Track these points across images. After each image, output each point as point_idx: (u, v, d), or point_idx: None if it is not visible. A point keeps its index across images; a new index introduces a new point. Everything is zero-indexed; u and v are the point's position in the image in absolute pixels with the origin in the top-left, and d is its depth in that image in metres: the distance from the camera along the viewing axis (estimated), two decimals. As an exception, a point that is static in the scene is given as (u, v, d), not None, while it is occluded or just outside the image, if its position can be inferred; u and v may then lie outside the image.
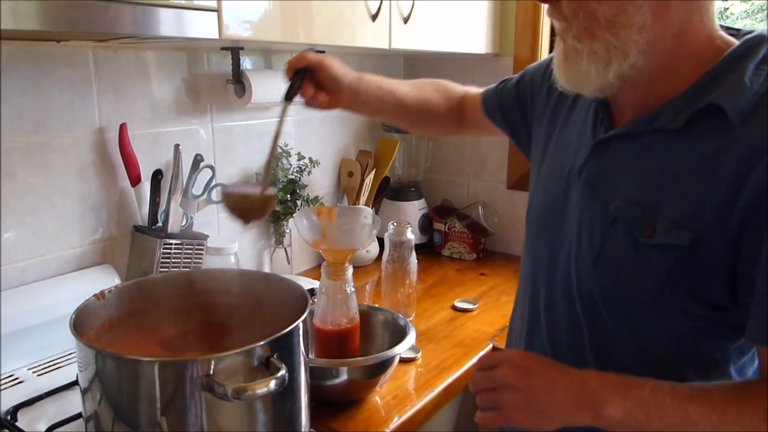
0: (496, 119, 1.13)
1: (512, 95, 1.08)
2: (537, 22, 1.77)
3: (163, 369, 0.72)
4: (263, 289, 0.98)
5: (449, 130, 1.23)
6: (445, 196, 2.05)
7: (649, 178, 0.75)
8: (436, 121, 1.19)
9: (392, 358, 1.05)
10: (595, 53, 0.73)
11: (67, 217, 1.22)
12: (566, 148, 0.89)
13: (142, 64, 1.30)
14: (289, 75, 1.01)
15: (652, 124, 0.75)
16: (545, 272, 0.88)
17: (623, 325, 0.79)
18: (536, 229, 0.93)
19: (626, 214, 0.76)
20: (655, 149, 0.75)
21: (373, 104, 1.10)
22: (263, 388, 0.71)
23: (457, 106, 1.19)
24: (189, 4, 0.93)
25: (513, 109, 1.08)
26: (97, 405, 0.75)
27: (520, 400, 0.76)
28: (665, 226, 0.72)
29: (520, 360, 0.79)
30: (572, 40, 0.75)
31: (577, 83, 0.78)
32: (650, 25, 0.71)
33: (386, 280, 1.42)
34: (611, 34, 0.72)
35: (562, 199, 0.86)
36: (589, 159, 0.82)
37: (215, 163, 1.45)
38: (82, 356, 0.76)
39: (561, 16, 0.76)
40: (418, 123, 1.21)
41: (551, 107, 0.97)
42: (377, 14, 1.31)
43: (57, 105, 1.17)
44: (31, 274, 1.18)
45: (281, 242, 1.64)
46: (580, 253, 0.81)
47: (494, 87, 1.14)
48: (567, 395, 0.74)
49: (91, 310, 0.87)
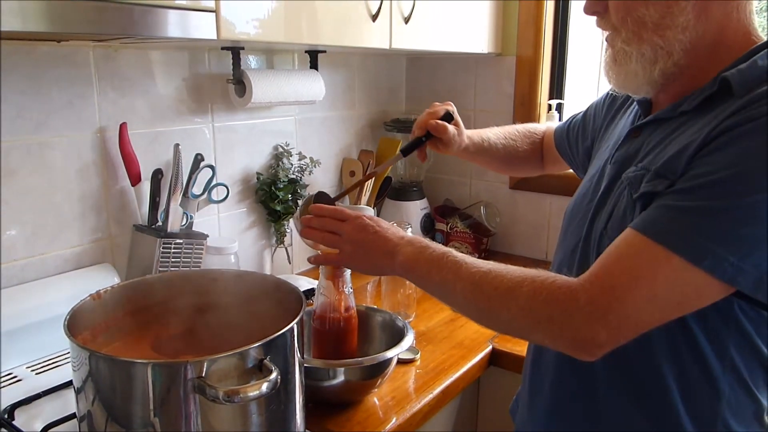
0: (563, 154, 1.22)
1: (579, 126, 1.15)
2: (539, 21, 1.76)
3: (156, 371, 0.72)
4: (260, 290, 0.98)
5: (534, 169, 1.33)
6: (447, 196, 2.05)
7: (658, 151, 0.79)
8: (520, 165, 1.31)
9: (390, 360, 1.05)
10: (643, 54, 0.79)
11: (66, 216, 1.22)
12: (606, 149, 0.95)
13: (143, 64, 1.30)
14: (420, 133, 1.16)
15: (677, 109, 0.80)
16: (570, 252, 0.92)
17: None
18: (569, 217, 0.97)
19: (631, 179, 0.80)
20: (673, 128, 0.80)
21: (471, 157, 1.25)
22: (255, 390, 0.71)
23: (539, 147, 1.29)
24: (188, 5, 0.93)
25: (577, 139, 1.15)
26: (90, 405, 0.76)
27: (352, 249, 0.94)
28: (650, 178, 0.76)
29: (363, 220, 0.94)
30: (621, 44, 0.80)
31: (626, 83, 0.84)
32: (693, 24, 0.76)
33: (386, 281, 1.42)
34: (658, 36, 0.77)
35: (594, 187, 0.91)
36: (621, 145, 0.88)
37: (215, 163, 1.45)
38: (75, 357, 0.76)
39: (610, 26, 0.82)
40: (504, 168, 1.37)
41: (608, 120, 1.04)
42: (377, 14, 1.30)
43: (57, 104, 1.18)
44: (31, 272, 1.18)
45: (282, 242, 1.64)
46: (597, 225, 0.86)
47: (565, 121, 1.23)
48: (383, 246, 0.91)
49: (86, 310, 0.87)
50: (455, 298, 0.84)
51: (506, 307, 0.76)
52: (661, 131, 0.82)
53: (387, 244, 0.91)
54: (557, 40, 1.82)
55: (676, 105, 0.81)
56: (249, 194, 1.58)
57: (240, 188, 1.55)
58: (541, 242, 1.89)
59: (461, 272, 0.82)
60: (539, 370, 0.94)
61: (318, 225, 0.96)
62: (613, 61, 0.83)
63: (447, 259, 0.84)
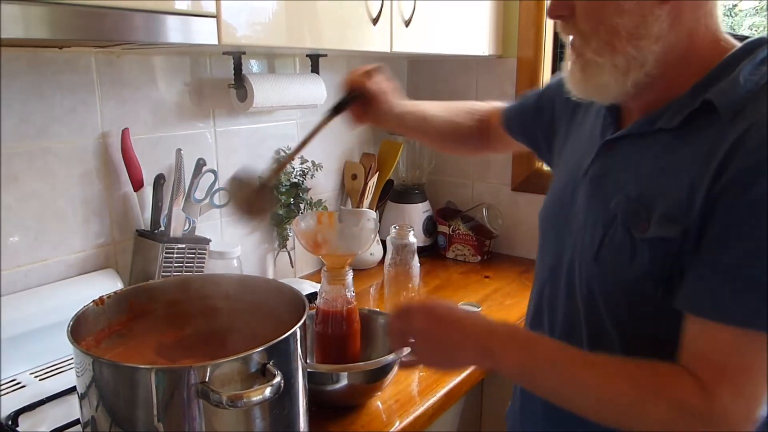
0: (517, 135, 1.15)
1: (533, 109, 1.10)
2: (540, 22, 1.77)
3: (159, 376, 0.72)
4: (262, 294, 0.98)
5: (476, 148, 1.29)
6: (449, 198, 2.04)
7: (647, 177, 0.77)
8: (464, 142, 1.25)
9: (393, 363, 1.05)
10: (615, 66, 0.75)
11: (69, 222, 1.23)
12: (577, 152, 0.91)
13: (145, 69, 1.31)
14: (345, 90, 1.09)
15: (654, 124, 0.77)
16: (551, 268, 0.90)
17: (618, 317, 0.79)
18: (545, 228, 0.95)
19: (624, 211, 0.77)
20: (654, 148, 0.77)
21: (409, 130, 1.22)
22: (258, 395, 0.71)
23: (484, 124, 1.23)
24: (189, 11, 0.93)
25: (534, 123, 1.10)
26: (94, 411, 0.76)
27: (431, 346, 0.83)
28: (658, 221, 0.73)
29: (431, 309, 0.84)
30: (592, 54, 0.76)
31: (594, 93, 0.80)
32: (666, 33, 0.73)
33: (389, 284, 1.42)
34: (632, 46, 0.74)
35: (569, 199, 0.88)
36: (595, 159, 0.84)
37: (218, 168, 1.46)
38: (79, 363, 0.76)
39: (577, 31, 0.77)
40: (447, 144, 1.29)
41: (568, 115, 0.99)
42: (378, 18, 1.30)
43: (59, 110, 1.18)
44: (34, 278, 1.18)
45: (284, 246, 1.64)
46: (583, 249, 0.83)
47: (515, 103, 1.17)
48: (473, 341, 0.80)
49: (90, 315, 0.87)
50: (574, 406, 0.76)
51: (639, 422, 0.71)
52: (640, 148, 0.79)
53: (478, 339, 0.80)
54: (558, 42, 1.82)
55: (652, 119, 0.78)
56: (251, 198, 1.58)
57: (242, 192, 1.55)
58: (544, 244, 1.88)
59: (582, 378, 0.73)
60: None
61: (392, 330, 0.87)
62: (582, 72, 0.79)
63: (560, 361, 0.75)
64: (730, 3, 1.79)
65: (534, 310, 0.96)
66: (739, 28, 1.77)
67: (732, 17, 1.80)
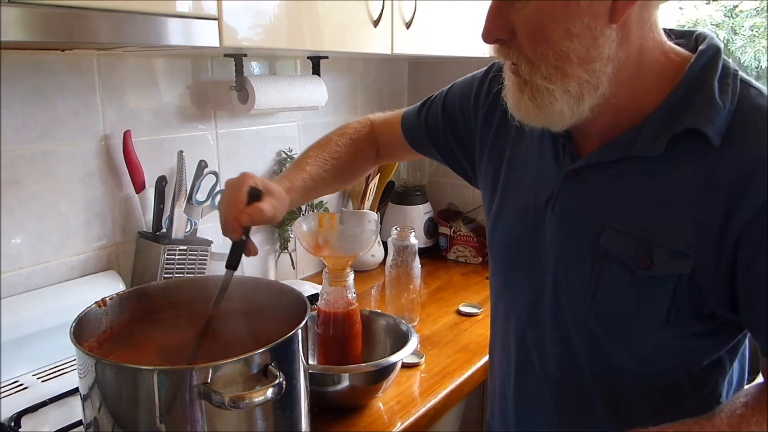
0: (424, 149, 1.08)
1: (440, 119, 1.04)
2: (541, 25, 1.76)
3: (162, 377, 0.72)
4: (264, 295, 0.98)
5: (369, 169, 1.21)
6: (451, 200, 2.05)
7: (634, 207, 0.73)
8: (357, 174, 1.17)
9: (394, 364, 1.05)
10: (568, 91, 0.71)
11: (71, 224, 1.23)
12: (525, 178, 0.86)
13: (146, 72, 1.31)
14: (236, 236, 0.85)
15: (629, 150, 0.73)
16: (527, 311, 0.85)
17: (624, 351, 0.78)
18: (506, 261, 0.89)
19: (618, 247, 0.73)
20: (633, 176, 0.73)
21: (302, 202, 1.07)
22: (260, 396, 0.71)
23: (371, 145, 1.13)
24: (190, 13, 0.94)
25: (443, 133, 1.03)
26: (96, 412, 0.76)
27: None
28: (663, 256, 0.70)
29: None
30: (542, 80, 0.71)
31: (547, 121, 0.75)
32: (615, 52, 0.69)
33: (390, 285, 1.42)
34: (584, 70, 0.69)
35: (530, 232, 0.83)
36: (561, 191, 0.79)
37: (219, 169, 1.46)
38: (81, 364, 0.76)
39: (522, 57, 0.72)
40: (345, 185, 1.21)
41: (492, 129, 0.93)
42: (379, 20, 1.31)
43: (62, 113, 1.18)
44: (37, 280, 1.19)
45: (286, 247, 1.64)
46: (569, 290, 0.79)
47: (415, 113, 1.09)
48: None
49: (92, 317, 0.87)
50: None
51: None
52: (614, 176, 0.75)
53: None
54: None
55: (622, 145, 0.73)
56: (253, 200, 1.58)
57: (244, 194, 1.56)
58: (545, 245, 1.88)
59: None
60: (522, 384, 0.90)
61: None
62: (532, 100, 0.73)
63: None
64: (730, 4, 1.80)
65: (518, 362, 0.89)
66: (739, 29, 1.78)
67: (733, 18, 1.81)
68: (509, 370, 0.92)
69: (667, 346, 0.76)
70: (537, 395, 0.86)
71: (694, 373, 0.77)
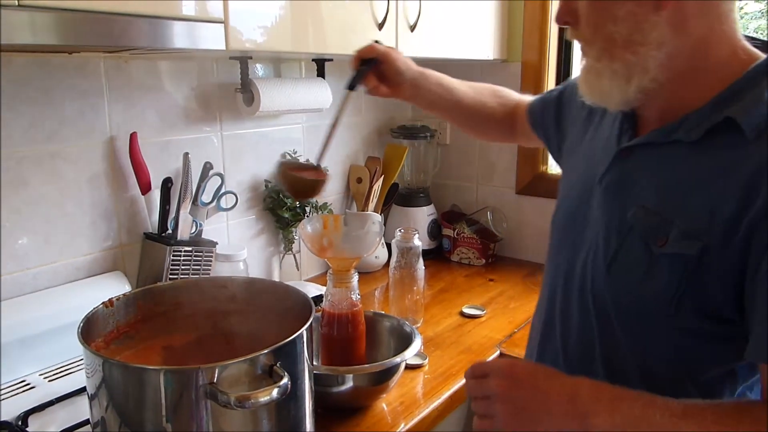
0: (537, 129, 1.15)
1: (553, 106, 1.10)
2: (544, 26, 1.77)
3: (168, 377, 0.73)
4: (269, 296, 0.99)
5: (501, 136, 1.26)
6: (454, 202, 2.05)
7: (666, 189, 0.76)
8: (490, 126, 1.23)
9: (398, 365, 1.06)
10: (615, 72, 0.76)
11: (78, 225, 1.24)
12: (592, 158, 0.90)
13: (152, 74, 1.32)
14: (355, 64, 1.08)
15: (672, 135, 0.76)
16: (563, 277, 0.89)
17: (631, 337, 0.79)
18: (559, 235, 0.94)
19: (642, 223, 0.76)
20: (672, 160, 0.77)
21: (432, 99, 1.15)
22: (266, 396, 0.72)
23: (511, 113, 1.21)
24: (196, 17, 0.95)
25: (552, 119, 1.10)
26: (103, 411, 0.77)
27: (511, 410, 0.76)
28: (677, 236, 0.72)
29: (509, 369, 0.78)
30: (593, 60, 0.78)
31: (600, 99, 0.81)
32: (669, 39, 0.73)
33: (394, 287, 1.43)
34: (630, 53, 0.74)
35: (584, 206, 0.87)
36: (611, 166, 0.83)
37: (224, 171, 1.47)
38: (89, 364, 0.77)
39: (582, 37, 0.79)
40: (472, 124, 1.24)
41: (582, 118, 0.98)
42: (383, 22, 1.31)
43: (69, 115, 1.19)
44: (43, 280, 1.20)
45: (290, 249, 1.65)
46: (596, 259, 0.82)
47: (540, 97, 1.16)
48: (557, 405, 0.74)
49: (99, 317, 0.88)
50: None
51: None
52: (657, 157, 0.78)
53: (562, 403, 0.73)
54: (562, 45, 1.82)
55: (669, 129, 0.77)
56: (257, 202, 1.59)
57: (248, 196, 1.57)
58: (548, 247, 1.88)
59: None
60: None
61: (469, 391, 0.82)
62: (586, 76, 0.80)
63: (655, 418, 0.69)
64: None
65: (545, 324, 0.94)
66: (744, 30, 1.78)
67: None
68: (535, 343, 0.97)
69: (672, 343, 0.76)
70: (553, 365, 0.87)
71: (700, 381, 0.77)
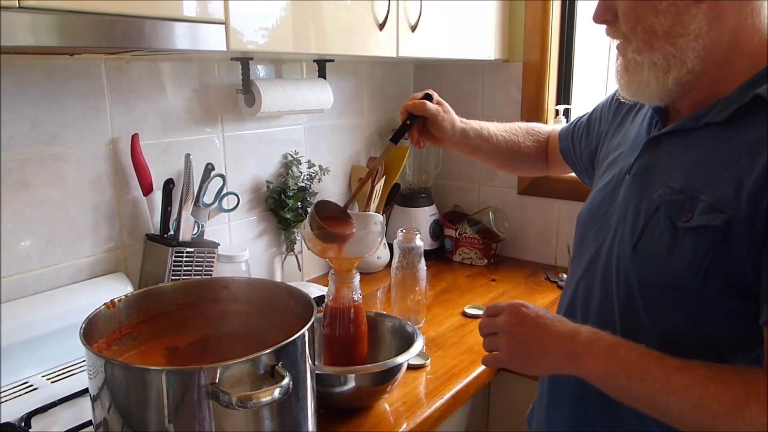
0: (567, 158, 1.19)
1: (584, 127, 1.14)
2: (546, 27, 1.77)
3: (170, 377, 0.73)
4: (271, 297, 0.99)
5: (536, 170, 1.33)
6: (456, 202, 2.05)
7: (694, 168, 0.78)
8: (524, 163, 1.29)
9: (400, 366, 1.06)
10: (655, 63, 0.79)
11: (80, 227, 1.24)
12: (622, 156, 0.93)
13: (154, 75, 1.32)
14: (402, 117, 1.14)
15: (701, 120, 0.79)
16: (588, 263, 0.91)
17: (653, 318, 0.80)
18: (584, 227, 0.96)
19: (668, 201, 0.78)
20: (701, 142, 0.79)
21: (470, 150, 1.23)
22: (267, 396, 0.72)
23: (544, 147, 1.27)
24: (197, 18, 0.95)
25: (583, 141, 1.13)
26: (106, 412, 0.77)
27: (513, 345, 0.84)
28: (702, 209, 0.74)
29: (519, 309, 0.85)
30: (632, 53, 0.80)
31: (638, 92, 0.83)
32: (706, 31, 0.75)
33: (396, 287, 1.43)
34: (669, 44, 0.77)
35: (610, 196, 0.90)
36: (640, 155, 0.86)
37: (226, 172, 1.47)
38: (91, 365, 0.77)
39: (620, 34, 0.81)
40: (507, 165, 1.31)
41: (616, 125, 1.02)
42: (384, 23, 1.32)
43: (70, 117, 1.20)
44: (46, 282, 1.20)
45: (292, 249, 1.65)
46: (621, 240, 0.84)
47: (568, 125, 1.20)
48: (554, 345, 0.80)
49: (101, 318, 0.88)
50: (666, 413, 0.72)
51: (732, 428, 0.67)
52: (686, 143, 0.80)
53: (561, 343, 0.79)
54: (564, 45, 1.82)
55: (698, 115, 0.79)
56: (259, 203, 1.59)
57: (250, 197, 1.57)
58: (550, 247, 1.89)
59: (673, 383, 0.71)
60: (557, 377, 0.93)
61: (480, 324, 0.89)
62: (625, 71, 0.82)
63: (650, 367, 0.72)
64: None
65: (567, 303, 0.95)
66: None
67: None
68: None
69: (695, 322, 0.76)
70: None
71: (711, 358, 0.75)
